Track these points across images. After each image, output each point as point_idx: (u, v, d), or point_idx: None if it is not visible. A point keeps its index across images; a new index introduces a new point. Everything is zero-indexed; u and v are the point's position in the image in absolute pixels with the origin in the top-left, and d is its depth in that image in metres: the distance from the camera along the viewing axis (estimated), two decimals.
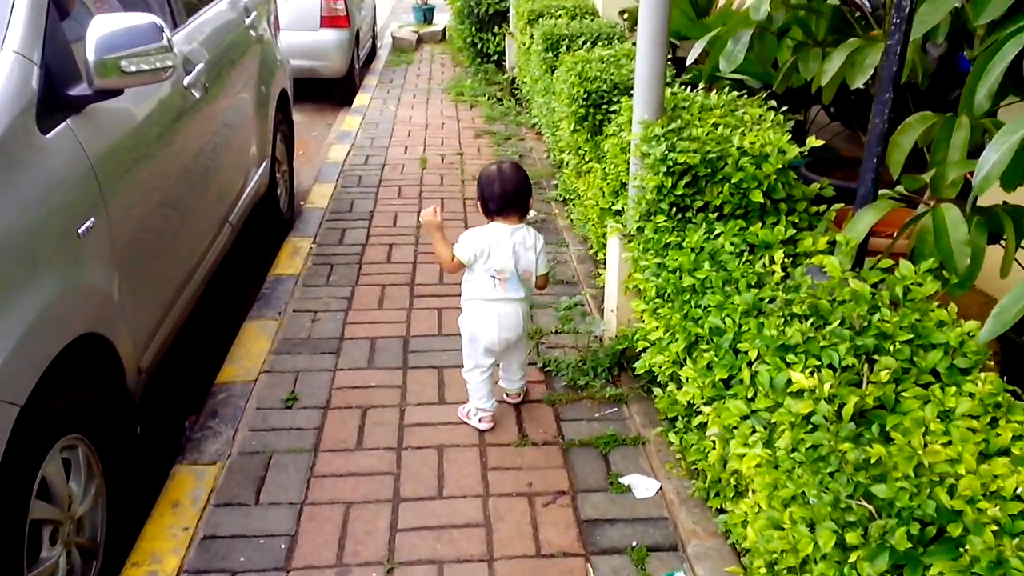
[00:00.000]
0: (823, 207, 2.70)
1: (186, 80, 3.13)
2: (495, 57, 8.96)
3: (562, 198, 5.02)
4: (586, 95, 3.85)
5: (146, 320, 2.63)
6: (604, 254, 3.81)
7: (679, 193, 2.62)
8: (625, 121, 3.24)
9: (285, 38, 7.08)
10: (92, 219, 2.19)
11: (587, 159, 4.04)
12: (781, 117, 2.94)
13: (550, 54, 5.13)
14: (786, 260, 2.36)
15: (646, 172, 2.72)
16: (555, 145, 5.26)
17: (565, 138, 4.45)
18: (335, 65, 8.09)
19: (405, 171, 5.76)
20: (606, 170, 3.54)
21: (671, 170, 2.63)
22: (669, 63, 4.13)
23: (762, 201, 2.58)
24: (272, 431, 2.85)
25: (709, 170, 2.62)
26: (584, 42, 5.00)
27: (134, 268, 2.49)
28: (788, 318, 2.04)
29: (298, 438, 2.81)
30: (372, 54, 10.65)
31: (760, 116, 2.99)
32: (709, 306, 2.27)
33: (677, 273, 2.49)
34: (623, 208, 3.27)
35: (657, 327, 2.60)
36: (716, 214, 2.65)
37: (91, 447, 2.17)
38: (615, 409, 3.00)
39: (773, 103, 3.18)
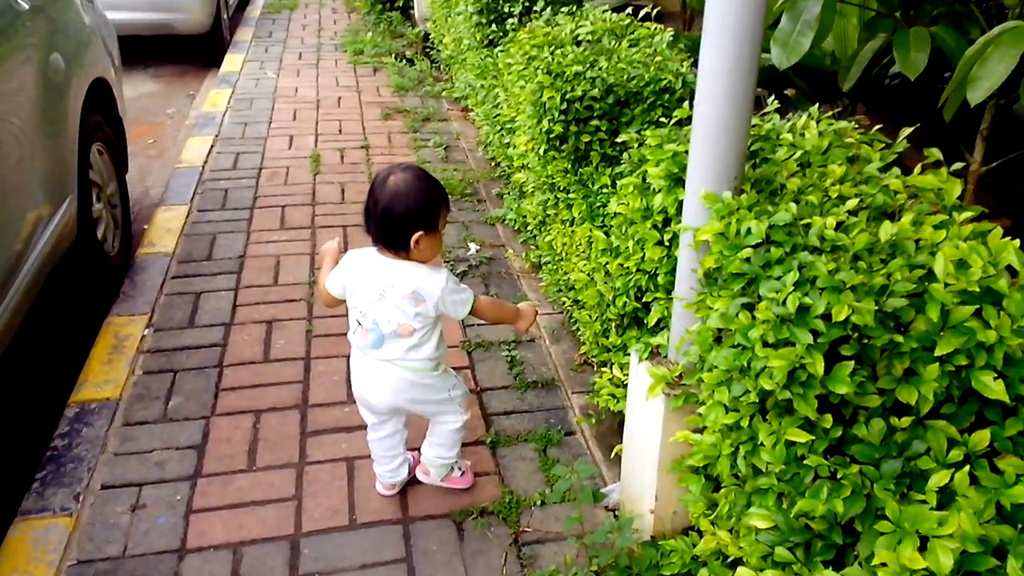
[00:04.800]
0: None
1: None
2: (400, 3, 7.32)
3: (514, 223, 3.61)
4: (564, 106, 2.44)
5: None
6: (601, 365, 2.46)
7: (840, 391, 1.27)
8: (659, 175, 1.86)
9: None
10: None
11: (569, 205, 2.63)
12: (960, 185, 1.62)
13: (489, 24, 3.64)
14: None
15: (758, 330, 1.36)
16: (502, 151, 3.80)
17: (524, 155, 3.02)
18: (196, 17, 6.29)
19: (291, 178, 4.20)
20: (616, 245, 2.16)
21: (819, 340, 1.28)
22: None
23: (1004, 400, 1.27)
24: None
25: (900, 338, 1.28)
26: (531, 4, 3.53)
27: None
28: None
29: None
30: None
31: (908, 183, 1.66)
32: None
33: None
34: (662, 324, 1.92)
35: None
36: (911, 419, 1.32)
37: None
38: None
39: (903, 138, 1.87)
